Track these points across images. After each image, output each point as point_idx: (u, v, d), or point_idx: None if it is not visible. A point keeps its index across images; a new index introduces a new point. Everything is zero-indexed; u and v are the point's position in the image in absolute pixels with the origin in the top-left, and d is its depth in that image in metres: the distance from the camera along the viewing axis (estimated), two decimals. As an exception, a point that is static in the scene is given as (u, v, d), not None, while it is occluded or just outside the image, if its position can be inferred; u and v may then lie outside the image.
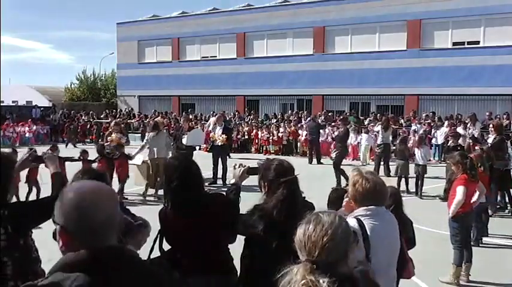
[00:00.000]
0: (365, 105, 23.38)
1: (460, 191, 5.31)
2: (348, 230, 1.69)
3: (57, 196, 1.51)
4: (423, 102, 21.94)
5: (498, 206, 8.61)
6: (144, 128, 22.32)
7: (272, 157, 10.46)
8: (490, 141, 9.07)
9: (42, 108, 28.50)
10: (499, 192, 8.63)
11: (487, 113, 18.09)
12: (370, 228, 2.45)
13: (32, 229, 2.61)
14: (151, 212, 3.29)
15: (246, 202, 2.91)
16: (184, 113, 24.42)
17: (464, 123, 16.43)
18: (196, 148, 13.00)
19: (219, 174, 11.17)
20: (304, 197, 2.82)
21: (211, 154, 11.62)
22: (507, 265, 6.00)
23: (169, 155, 9.35)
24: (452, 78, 20.39)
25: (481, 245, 6.55)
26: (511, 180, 8.56)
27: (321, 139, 16.26)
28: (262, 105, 26.17)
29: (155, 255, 2.90)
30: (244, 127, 20.27)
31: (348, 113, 21.16)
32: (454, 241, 5.36)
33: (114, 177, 8.74)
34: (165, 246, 2.91)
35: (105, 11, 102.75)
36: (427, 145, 10.95)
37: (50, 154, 3.15)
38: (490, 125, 9.63)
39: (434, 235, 6.79)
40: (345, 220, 1.71)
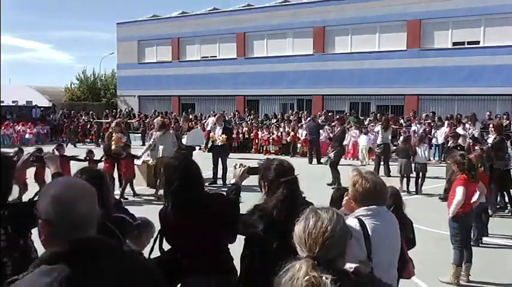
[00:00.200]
0: (365, 105, 23.37)
1: (459, 191, 5.31)
2: (346, 227, 1.71)
3: None
4: (423, 102, 21.93)
5: (498, 206, 8.61)
6: (145, 128, 22.33)
7: (272, 156, 10.47)
8: (490, 141, 9.07)
9: (42, 108, 28.52)
10: (499, 192, 8.63)
11: (487, 113, 18.11)
12: (372, 228, 2.45)
13: (31, 230, 2.60)
14: (151, 212, 3.29)
15: (246, 202, 2.91)
16: (184, 113, 24.43)
17: (463, 124, 16.42)
18: (196, 148, 13.00)
19: (219, 174, 11.17)
20: (304, 197, 2.82)
21: (211, 153, 11.62)
22: (507, 265, 6.00)
23: (175, 154, 9.38)
24: (452, 78, 20.38)
25: (481, 245, 6.56)
26: (511, 180, 8.57)
27: (320, 139, 16.26)
28: (262, 105, 26.15)
29: (155, 255, 2.91)
30: (244, 127, 20.25)
31: (348, 113, 21.19)
32: (454, 241, 5.37)
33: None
34: (165, 246, 2.91)
35: (105, 11, 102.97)
36: (426, 144, 11.07)
37: (50, 154, 3.15)
38: (490, 125, 9.63)
39: (434, 235, 6.79)
40: (342, 217, 1.73)
